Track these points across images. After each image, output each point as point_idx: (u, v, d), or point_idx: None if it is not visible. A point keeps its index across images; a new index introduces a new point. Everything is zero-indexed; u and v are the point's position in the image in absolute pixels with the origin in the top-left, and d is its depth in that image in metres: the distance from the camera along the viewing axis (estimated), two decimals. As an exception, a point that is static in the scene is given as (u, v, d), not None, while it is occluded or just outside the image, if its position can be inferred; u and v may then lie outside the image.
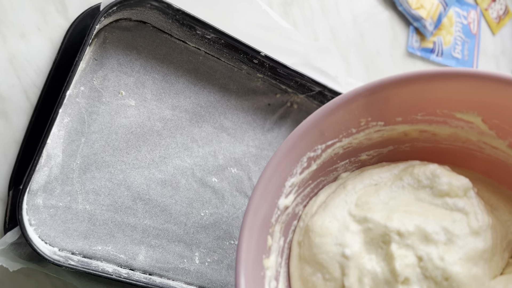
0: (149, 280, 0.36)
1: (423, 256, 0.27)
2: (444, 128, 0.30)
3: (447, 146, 0.32)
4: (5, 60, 0.33)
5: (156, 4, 0.33)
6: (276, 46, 0.42)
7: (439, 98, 0.28)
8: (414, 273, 0.27)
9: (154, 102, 0.37)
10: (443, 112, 0.29)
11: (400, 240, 0.28)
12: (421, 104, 0.29)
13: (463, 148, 0.32)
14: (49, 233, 0.33)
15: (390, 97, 0.28)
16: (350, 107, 0.29)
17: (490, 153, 0.31)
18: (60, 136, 0.33)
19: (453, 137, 0.31)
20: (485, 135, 0.29)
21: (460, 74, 0.26)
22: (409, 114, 0.30)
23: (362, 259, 0.29)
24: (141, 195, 0.37)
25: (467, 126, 0.29)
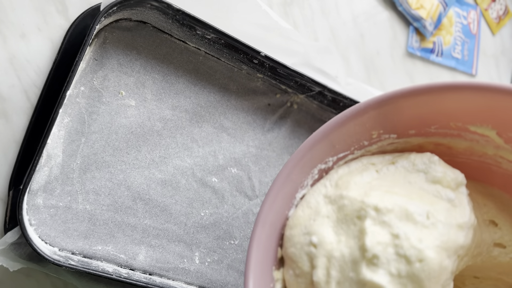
0: (149, 280, 0.36)
1: (400, 234, 0.25)
2: (459, 141, 0.29)
3: (463, 160, 0.31)
4: (5, 60, 0.33)
5: (156, 4, 0.33)
6: (276, 46, 0.42)
7: (451, 110, 0.27)
8: (384, 252, 0.25)
9: (154, 102, 0.37)
10: (457, 125, 0.28)
11: (377, 216, 0.26)
12: (434, 117, 0.28)
13: (479, 162, 0.31)
14: (49, 233, 0.33)
15: (401, 109, 0.28)
16: (360, 120, 0.28)
17: (508, 168, 0.30)
18: (60, 136, 0.33)
19: (469, 151, 0.30)
20: (501, 149, 0.28)
21: (471, 86, 0.25)
22: (422, 127, 0.29)
23: (331, 245, 0.27)
24: (141, 195, 0.37)
25: (483, 139, 0.29)
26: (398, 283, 0.25)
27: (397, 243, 0.25)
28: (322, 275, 0.26)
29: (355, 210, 0.27)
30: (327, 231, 0.27)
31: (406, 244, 0.25)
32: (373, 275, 0.25)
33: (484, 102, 0.26)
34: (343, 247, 0.26)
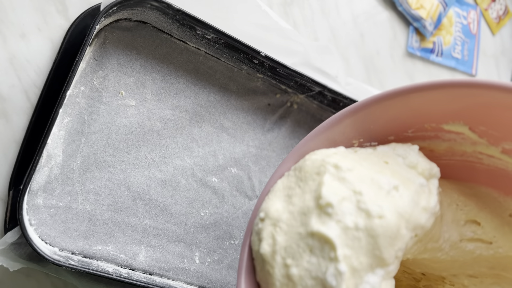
0: (149, 280, 0.36)
1: (363, 191, 0.24)
2: (438, 143, 0.30)
3: (446, 161, 0.31)
4: (5, 60, 0.33)
5: (156, 4, 0.34)
6: (276, 46, 0.42)
7: (422, 112, 0.28)
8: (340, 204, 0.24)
9: (154, 102, 0.37)
10: (432, 126, 0.28)
11: (336, 173, 0.25)
12: (408, 120, 0.28)
13: (462, 161, 0.31)
14: (49, 233, 0.33)
15: (374, 115, 0.28)
16: (338, 129, 0.28)
17: (489, 163, 0.30)
18: (60, 136, 0.33)
19: (450, 151, 0.30)
20: (478, 145, 0.29)
21: (433, 86, 0.26)
22: (400, 132, 0.29)
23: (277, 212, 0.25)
24: (141, 195, 0.37)
25: (459, 138, 0.29)
26: (351, 237, 0.23)
27: (359, 198, 0.24)
28: (267, 245, 0.25)
29: (315, 167, 0.26)
30: (275, 200, 0.26)
31: (369, 200, 0.24)
32: (321, 226, 0.23)
33: (450, 99, 0.26)
34: (296, 203, 0.25)
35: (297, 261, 0.24)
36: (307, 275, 0.24)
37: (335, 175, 0.25)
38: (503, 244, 0.32)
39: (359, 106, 0.28)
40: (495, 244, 0.32)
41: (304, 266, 0.24)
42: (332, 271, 0.23)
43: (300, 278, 0.24)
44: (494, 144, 0.28)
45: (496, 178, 0.31)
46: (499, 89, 0.24)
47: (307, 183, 0.25)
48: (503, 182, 0.31)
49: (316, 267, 0.23)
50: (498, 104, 0.25)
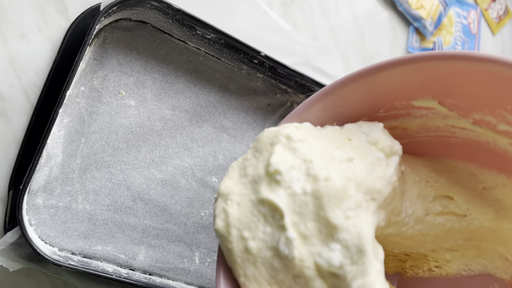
0: (149, 280, 0.36)
1: (313, 160, 0.24)
2: (411, 120, 0.30)
3: (421, 138, 0.32)
4: (5, 60, 0.33)
5: (156, 4, 0.33)
6: (276, 46, 0.42)
7: (390, 90, 0.28)
8: (288, 172, 0.24)
9: (154, 102, 0.37)
10: (402, 104, 0.29)
11: (287, 143, 0.25)
12: (377, 100, 0.29)
13: (437, 137, 0.31)
14: (49, 233, 0.33)
15: (343, 98, 0.28)
16: (310, 114, 0.28)
17: (462, 136, 0.30)
18: (60, 136, 0.33)
19: (423, 128, 0.30)
20: (449, 118, 0.29)
21: (396, 62, 0.26)
22: (372, 113, 0.29)
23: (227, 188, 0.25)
24: (141, 195, 0.37)
25: (430, 113, 0.29)
26: (298, 203, 0.23)
27: (309, 165, 0.24)
28: (220, 220, 0.25)
29: (269, 138, 0.26)
30: (225, 179, 0.26)
31: (317, 167, 0.24)
32: (270, 193, 0.23)
33: (415, 74, 0.26)
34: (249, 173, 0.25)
35: (253, 232, 0.24)
36: (264, 246, 0.24)
37: (286, 145, 0.25)
38: (477, 216, 0.32)
39: (327, 89, 0.28)
40: (470, 217, 0.32)
41: (260, 237, 0.24)
42: (283, 239, 0.23)
43: (258, 250, 0.24)
44: (464, 116, 0.28)
45: (471, 151, 0.31)
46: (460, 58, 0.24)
47: (262, 153, 0.26)
48: (478, 154, 0.31)
49: (271, 237, 0.23)
50: (462, 73, 0.25)
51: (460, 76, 0.25)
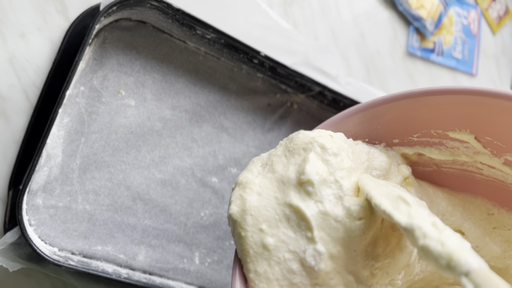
0: (149, 280, 0.36)
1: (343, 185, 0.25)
2: (441, 150, 0.30)
3: (447, 169, 0.32)
4: (5, 60, 0.33)
5: (156, 4, 0.33)
6: (276, 46, 0.42)
7: (429, 116, 0.28)
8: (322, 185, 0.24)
9: (154, 102, 0.37)
10: (438, 133, 0.29)
11: (322, 154, 0.25)
12: (415, 124, 0.29)
13: (462, 170, 0.31)
14: (49, 233, 0.33)
15: (382, 116, 0.29)
16: (345, 126, 0.29)
17: (489, 174, 0.30)
18: (60, 136, 0.33)
19: (451, 160, 0.31)
20: (481, 155, 0.29)
21: (445, 91, 0.26)
22: (405, 135, 0.30)
23: (247, 177, 0.26)
24: (141, 195, 0.37)
25: (463, 146, 0.29)
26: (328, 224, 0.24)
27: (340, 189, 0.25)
28: (235, 206, 0.25)
29: (304, 143, 0.26)
30: (245, 171, 0.26)
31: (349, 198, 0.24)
32: (300, 202, 0.24)
33: (459, 106, 0.26)
34: (278, 170, 0.25)
35: (273, 230, 0.24)
36: (284, 247, 0.24)
37: (320, 155, 0.25)
38: (485, 254, 0.32)
39: (367, 104, 0.28)
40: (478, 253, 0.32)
41: (281, 238, 0.24)
42: (311, 251, 0.23)
43: (276, 249, 0.24)
44: (497, 155, 0.28)
45: (494, 190, 0.31)
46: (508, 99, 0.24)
47: (294, 155, 0.26)
48: (501, 194, 0.31)
49: (294, 242, 0.24)
50: (507, 113, 0.25)
51: (505, 115, 0.25)
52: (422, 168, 0.32)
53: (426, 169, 0.32)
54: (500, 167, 0.29)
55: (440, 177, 0.32)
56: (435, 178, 0.32)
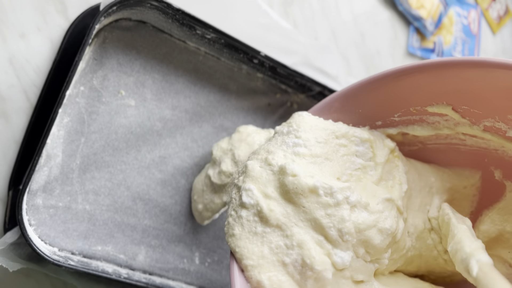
0: (149, 280, 0.36)
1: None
2: (422, 127, 0.31)
3: (432, 145, 0.33)
4: (5, 60, 0.33)
5: (156, 4, 0.33)
6: (276, 45, 0.42)
7: (407, 95, 0.29)
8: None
9: (154, 102, 0.37)
10: (417, 110, 0.29)
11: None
12: (394, 104, 0.30)
13: (446, 144, 0.32)
14: (49, 233, 0.33)
15: (361, 100, 0.30)
16: (328, 113, 0.30)
17: (472, 143, 0.31)
18: (60, 136, 0.33)
19: (434, 135, 0.31)
20: (461, 125, 0.29)
21: (415, 68, 0.27)
22: (387, 117, 0.30)
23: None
24: (141, 195, 0.37)
25: (443, 120, 0.30)
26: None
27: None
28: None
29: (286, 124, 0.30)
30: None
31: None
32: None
33: (432, 80, 0.27)
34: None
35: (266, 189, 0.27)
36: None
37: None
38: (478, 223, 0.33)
39: (347, 90, 0.30)
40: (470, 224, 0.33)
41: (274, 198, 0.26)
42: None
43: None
44: (476, 123, 0.29)
45: (480, 159, 0.32)
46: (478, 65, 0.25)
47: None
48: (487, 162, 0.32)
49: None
50: (479, 80, 0.26)
51: (477, 82, 0.26)
52: (408, 147, 0.33)
53: (413, 148, 0.33)
54: (481, 134, 0.29)
55: (427, 154, 0.33)
56: (422, 155, 0.33)
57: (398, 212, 0.28)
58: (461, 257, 0.25)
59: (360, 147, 0.29)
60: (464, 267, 0.24)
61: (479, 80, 0.26)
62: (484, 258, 0.23)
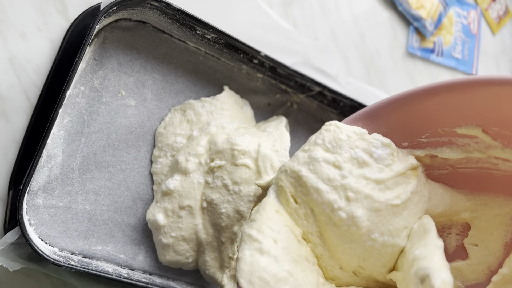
0: (149, 280, 0.36)
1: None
2: (451, 149, 0.29)
3: (463, 170, 0.31)
4: (5, 60, 0.33)
5: (156, 4, 0.33)
6: (276, 46, 0.42)
7: (434, 115, 0.28)
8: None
9: (154, 102, 0.37)
10: (445, 131, 0.28)
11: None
12: (421, 125, 0.29)
13: (478, 169, 0.30)
14: (49, 233, 0.33)
15: (385, 120, 0.29)
16: None
17: (505, 168, 0.29)
18: (60, 136, 0.33)
19: (465, 158, 0.30)
20: (493, 148, 0.28)
21: (444, 86, 0.26)
22: (413, 137, 0.29)
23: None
24: (141, 195, 0.37)
25: (473, 142, 0.28)
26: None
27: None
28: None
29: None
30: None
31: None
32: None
33: (461, 100, 0.26)
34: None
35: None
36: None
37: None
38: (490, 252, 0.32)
39: (370, 109, 0.28)
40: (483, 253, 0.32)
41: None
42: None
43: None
44: (508, 145, 0.27)
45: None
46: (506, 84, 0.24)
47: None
48: None
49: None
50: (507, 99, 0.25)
51: (506, 102, 0.25)
52: (438, 171, 0.31)
53: (442, 172, 0.31)
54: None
55: (458, 179, 0.31)
56: (453, 180, 0.32)
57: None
58: (425, 265, 0.24)
59: (380, 151, 0.28)
60: (420, 277, 0.24)
61: (508, 99, 0.25)
62: (448, 278, 0.23)
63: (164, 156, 0.37)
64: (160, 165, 0.37)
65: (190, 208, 0.35)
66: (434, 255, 0.24)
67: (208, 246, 0.35)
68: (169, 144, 0.37)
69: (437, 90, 0.26)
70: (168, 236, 0.35)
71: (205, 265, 0.36)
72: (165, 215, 0.35)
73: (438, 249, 0.25)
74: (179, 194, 0.35)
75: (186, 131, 0.37)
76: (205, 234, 0.35)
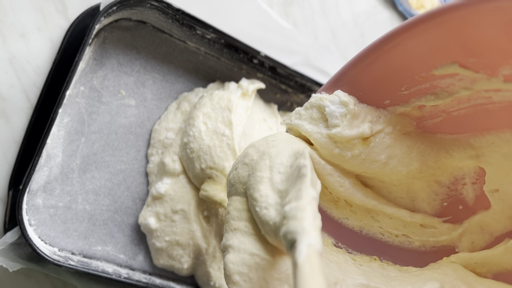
0: (149, 280, 0.36)
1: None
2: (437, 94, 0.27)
3: (456, 112, 0.28)
4: (5, 60, 0.33)
5: (156, 4, 0.33)
6: (276, 46, 0.42)
7: (405, 64, 0.26)
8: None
9: (154, 101, 0.37)
10: (422, 76, 0.26)
11: None
12: (395, 77, 0.27)
13: (472, 107, 0.28)
14: (49, 233, 0.33)
15: (356, 82, 0.27)
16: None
17: (500, 99, 0.26)
18: (60, 136, 0.33)
19: (454, 100, 0.27)
20: (478, 81, 0.25)
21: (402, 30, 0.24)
22: (393, 93, 0.27)
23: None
24: (140, 195, 0.37)
25: (456, 80, 0.26)
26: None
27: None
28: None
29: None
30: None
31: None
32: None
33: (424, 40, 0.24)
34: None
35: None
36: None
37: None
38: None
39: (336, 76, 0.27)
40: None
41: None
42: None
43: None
44: (493, 74, 0.25)
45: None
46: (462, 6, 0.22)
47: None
48: None
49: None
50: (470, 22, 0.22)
51: (469, 25, 0.23)
52: (431, 120, 0.29)
53: (437, 120, 0.29)
54: (504, 86, 0.25)
55: (456, 124, 0.29)
56: (451, 126, 0.29)
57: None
58: (292, 228, 0.21)
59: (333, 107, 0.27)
60: (288, 242, 0.21)
61: (472, 23, 0.22)
62: (317, 244, 0.19)
63: (156, 154, 0.36)
64: (152, 164, 0.36)
65: (183, 212, 0.34)
66: (305, 212, 0.21)
67: (209, 257, 0.35)
68: (160, 140, 0.36)
69: (397, 36, 0.24)
70: (162, 240, 0.35)
71: (208, 276, 0.35)
72: (157, 219, 0.34)
73: (309, 203, 0.22)
74: (171, 198, 0.34)
75: (179, 124, 0.37)
76: (205, 243, 0.35)
